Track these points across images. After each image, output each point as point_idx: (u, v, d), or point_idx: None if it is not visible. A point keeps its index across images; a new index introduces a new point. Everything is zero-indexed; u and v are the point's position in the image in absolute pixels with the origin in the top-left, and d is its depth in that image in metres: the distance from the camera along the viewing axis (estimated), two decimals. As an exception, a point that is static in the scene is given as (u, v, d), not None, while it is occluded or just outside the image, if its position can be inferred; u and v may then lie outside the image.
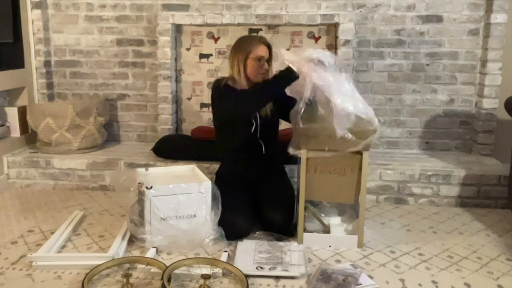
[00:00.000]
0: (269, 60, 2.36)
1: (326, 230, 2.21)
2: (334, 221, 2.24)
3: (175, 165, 2.70)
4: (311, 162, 2.10)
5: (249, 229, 2.21)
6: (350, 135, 1.98)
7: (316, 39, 3.18)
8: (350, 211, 2.34)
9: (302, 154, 2.09)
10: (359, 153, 2.07)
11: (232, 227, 2.17)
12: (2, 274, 1.87)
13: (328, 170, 2.11)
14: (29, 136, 3.27)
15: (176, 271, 1.83)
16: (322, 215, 2.28)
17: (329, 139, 2.04)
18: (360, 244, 2.14)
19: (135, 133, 3.45)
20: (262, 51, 2.31)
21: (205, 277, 1.70)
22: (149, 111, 3.39)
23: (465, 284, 1.83)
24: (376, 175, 2.76)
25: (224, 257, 1.97)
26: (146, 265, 1.89)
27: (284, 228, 2.23)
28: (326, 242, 2.16)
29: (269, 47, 2.36)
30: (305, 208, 2.17)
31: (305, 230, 2.18)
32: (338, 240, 2.16)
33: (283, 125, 3.08)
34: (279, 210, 2.24)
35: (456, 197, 2.73)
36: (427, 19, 3.08)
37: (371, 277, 1.86)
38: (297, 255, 2.02)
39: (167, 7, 3.20)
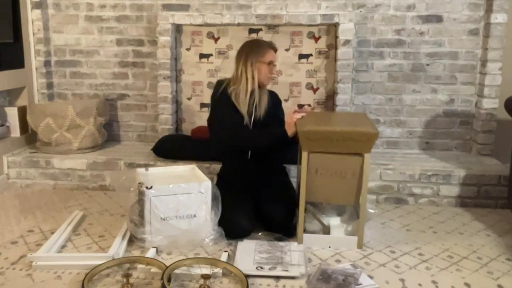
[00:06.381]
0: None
1: (326, 231, 2.21)
2: (334, 221, 2.23)
3: (175, 165, 2.69)
4: (312, 163, 2.08)
5: (251, 229, 2.21)
6: None
7: (316, 39, 3.18)
8: (350, 210, 2.33)
9: (303, 156, 2.08)
10: (361, 155, 2.05)
11: (235, 227, 2.16)
12: (2, 274, 1.87)
13: (329, 172, 2.09)
14: (29, 136, 3.27)
15: (176, 271, 1.83)
16: (323, 215, 2.28)
17: (330, 141, 2.03)
18: (360, 245, 2.14)
19: (135, 133, 3.45)
20: (272, 55, 2.39)
21: (205, 277, 1.70)
22: (149, 111, 3.39)
23: (465, 284, 1.83)
24: (376, 175, 2.76)
25: (224, 257, 1.97)
26: (146, 265, 1.89)
27: (285, 225, 2.23)
28: (326, 243, 2.16)
29: (275, 51, 2.43)
30: (305, 209, 2.17)
31: (305, 231, 2.18)
32: (338, 241, 2.16)
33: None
34: (280, 207, 2.24)
35: (456, 197, 2.73)
36: (427, 19, 3.08)
37: (371, 277, 1.86)
38: (297, 255, 2.02)
39: (167, 7, 3.19)
